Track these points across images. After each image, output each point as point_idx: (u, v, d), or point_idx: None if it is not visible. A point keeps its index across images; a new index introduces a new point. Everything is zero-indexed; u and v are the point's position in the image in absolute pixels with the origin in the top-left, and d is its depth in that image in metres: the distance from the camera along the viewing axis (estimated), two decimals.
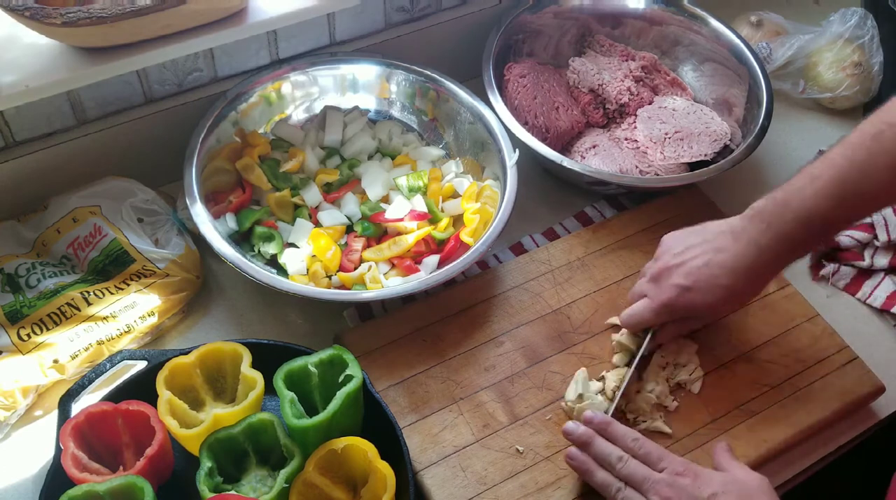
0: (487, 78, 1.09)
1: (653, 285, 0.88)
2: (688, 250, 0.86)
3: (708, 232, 0.87)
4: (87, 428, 0.76)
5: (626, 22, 1.24)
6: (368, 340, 0.91)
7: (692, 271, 0.85)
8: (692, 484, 0.74)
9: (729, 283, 0.83)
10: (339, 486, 0.77)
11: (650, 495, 0.74)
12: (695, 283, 0.84)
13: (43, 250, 0.95)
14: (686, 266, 0.85)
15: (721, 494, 0.73)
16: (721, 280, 0.84)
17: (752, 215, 0.84)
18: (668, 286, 0.86)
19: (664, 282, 0.87)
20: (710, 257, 0.84)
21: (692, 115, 1.14)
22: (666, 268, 0.87)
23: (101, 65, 0.92)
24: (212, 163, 1.00)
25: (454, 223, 1.03)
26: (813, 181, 0.79)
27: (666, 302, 0.86)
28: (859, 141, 0.78)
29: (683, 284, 0.85)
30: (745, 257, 0.83)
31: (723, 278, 0.83)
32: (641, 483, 0.75)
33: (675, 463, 0.76)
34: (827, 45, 1.24)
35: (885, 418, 0.93)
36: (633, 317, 0.89)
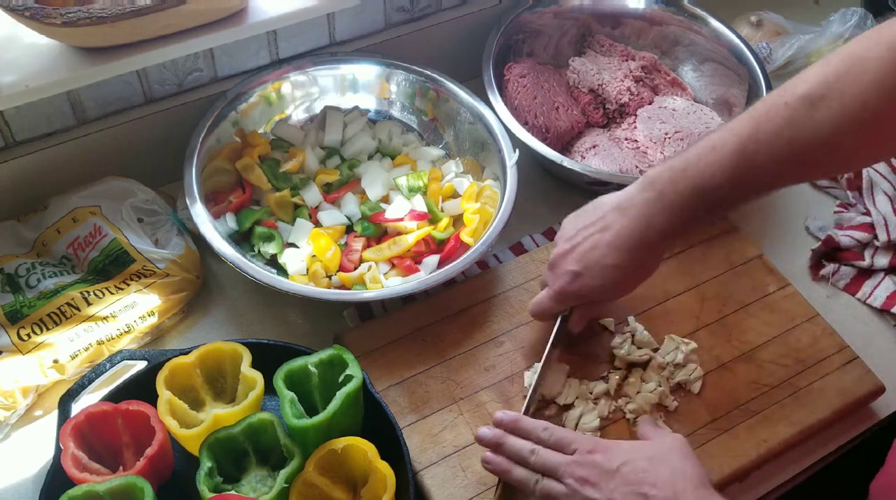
0: (487, 78, 1.09)
1: (550, 273, 0.87)
2: (579, 232, 0.84)
3: (598, 209, 0.84)
4: (87, 428, 0.76)
5: (626, 22, 1.24)
6: (368, 340, 0.91)
7: (582, 255, 0.83)
8: (603, 458, 0.73)
9: (617, 262, 0.81)
10: (339, 486, 0.77)
11: (565, 479, 0.73)
12: (584, 267, 0.83)
13: (43, 249, 0.95)
14: (576, 251, 0.83)
15: (631, 461, 0.72)
16: (608, 260, 0.81)
17: (644, 184, 0.81)
18: (561, 273, 0.85)
19: (558, 269, 0.85)
20: (598, 237, 0.82)
21: (692, 115, 1.14)
22: (560, 254, 0.85)
23: (101, 65, 0.92)
24: (212, 163, 1.00)
25: (454, 223, 1.03)
26: (713, 150, 0.76)
27: (560, 289, 0.85)
28: (762, 112, 0.74)
29: (574, 269, 0.83)
30: (633, 232, 0.80)
31: (610, 258, 0.81)
32: (555, 470, 0.74)
33: (585, 443, 0.75)
34: (827, 45, 1.24)
35: (885, 418, 0.93)
36: (535, 306, 0.89)
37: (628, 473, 0.72)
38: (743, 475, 0.86)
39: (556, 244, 0.87)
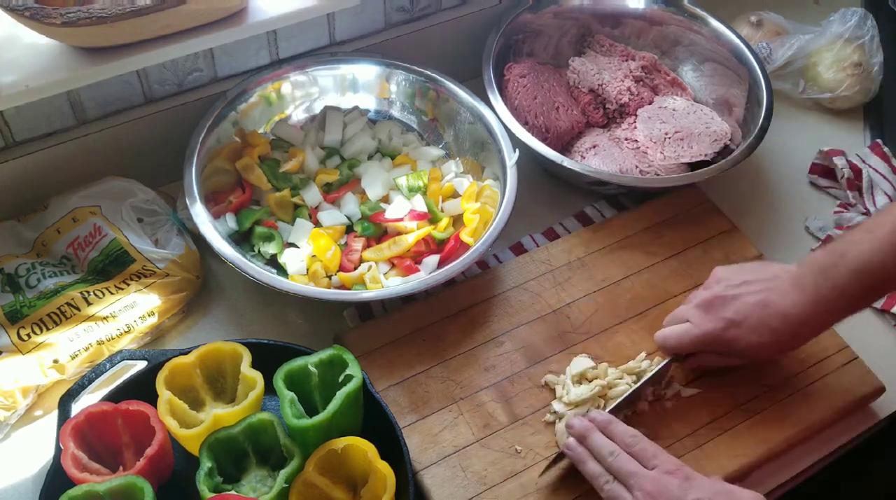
0: (487, 78, 1.09)
1: (700, 313, 0.86)
2: (745, 284, 0.84)
3: (766, 272, 0.85)
4: (87, 428, 0.76)
5: (626, 22, 1.24)
6: (368, 340, 0.91)
7: (746, 306, 0.82)
8: (679, 485, 0.73)
9: (779, 327, 0.81)
10: (339, 486, 0.77)
11: (634, 490, 0.73)
12: (745, 319, 0.82)
13: (43, 249, 0.95)
14: (740, 300, 0.83)
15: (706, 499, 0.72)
16: (772, 322, 0.81)
17: (809, 264, 0.82)
18: (717, 317, 0.84)
19: (714, 312, 0.84)
20: (766, 296, 0.82)
21: (692, 115, 1.14)
22: (720, 298, 0.84)
23: (101, 65, 0.92)
24: (212, 163, 1.00)
25: (454, 223, 1.03)
26: (870, 232, 0.78)
27: (710, 332, 0.84)
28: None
29: (733, 318, 0.83)
30: (801, 305, 0.81)
31: (774, 321, 0.81)
32: (628, 478, 0.74)
33: (668, 463, 0.75)
34: (827, 45, 1.24)
35: (885, 418, 0.93)
36: (670, 339, 0.87)
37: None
38: (743, 475, 0.86)
39: (711, 286, 0.87)
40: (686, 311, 0.88)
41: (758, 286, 0.83)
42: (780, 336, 0.82)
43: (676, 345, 0.87)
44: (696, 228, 1.05)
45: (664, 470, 0.74)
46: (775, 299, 0.82)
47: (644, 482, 0.73)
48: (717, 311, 0.84)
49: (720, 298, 0.84)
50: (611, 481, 0.76)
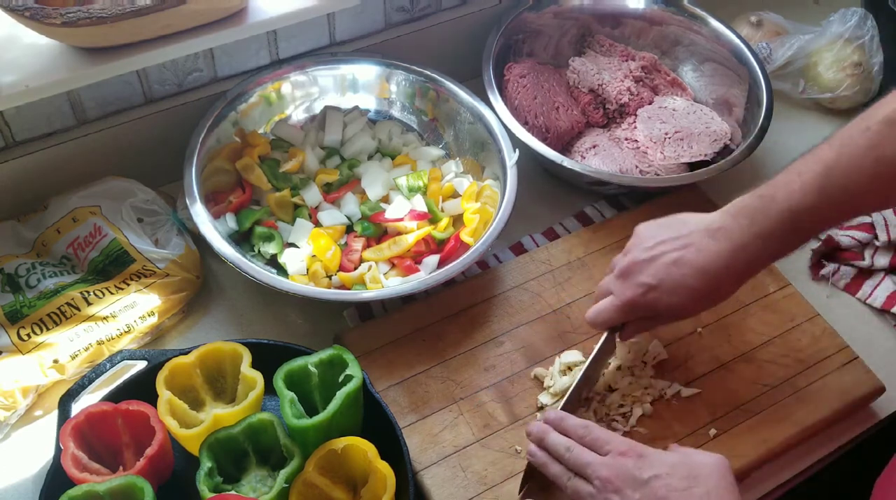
0: (487, 78, 1.09)
1: (619, 282, 0.84)
2: (659, 245, 0.82)
3: (683, 226, 0.83)
4: (87, 428, 0.76)
5: (626, 22, 1.24)
6: (368, 340, 0.91)
7: (661, 267, 0.81)
8: (634, 464, 0.72)
9: (697, 284, 0.80)
10: (339, 486, 0.77)
11: (592, 479, 0.73)
12: (662, 281, 0.81)
13: (43, 250, 0.95)
14: (656, 263, 0.81)
15: (665, 475, 0.70)
16: (689, 281, 0.80)
17: (734, 212, 0.80)
18: (635, 284, 0.82)
19: (631, 278, 0.83)
20: (681, 254, 0.80)
21: (692, 115, 1.14)
22: (634, 263, 0.83)
23: (101, 65, 0.92)
24: (212, 163, 1.00)
25: (454, 223, 1.03)
26: (800, 176, 0.76)
27: (630, 300, 0.82)
28: (846, 136, 0.75)
29: (649, 282, 0.81)
30: (720, 257, 0.79)
31: (691, 279, 0.80)
32: (585, 469, 0.74)
33: (621, 445, 0.74)
34: (827, 45, 1.24)
35: (885, 418, 0.93)
36: (598, 315, 0.86)
37: (659, 488, 0.70)
38: (743, 475, 0.86)
39: (629, 251, 0.85)
40: (608, 282, 0.87)
41: (672, 245, 0.81)
42: (699, 293, 0.80)
43: (605, 320, 0.86)
44: None
45: (617, 453, 0.73)
46: (691, 257, 0.80)
47: (599, 469, 0.73)
48: (634, 277, 0.82)
49: (636, 263, 0.83)
50: (572, 477, 0.75)
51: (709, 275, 0.80)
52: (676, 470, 0.71)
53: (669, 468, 0.71)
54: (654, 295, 0.81)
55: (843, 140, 0.75)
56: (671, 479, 0.70)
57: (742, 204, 0.80)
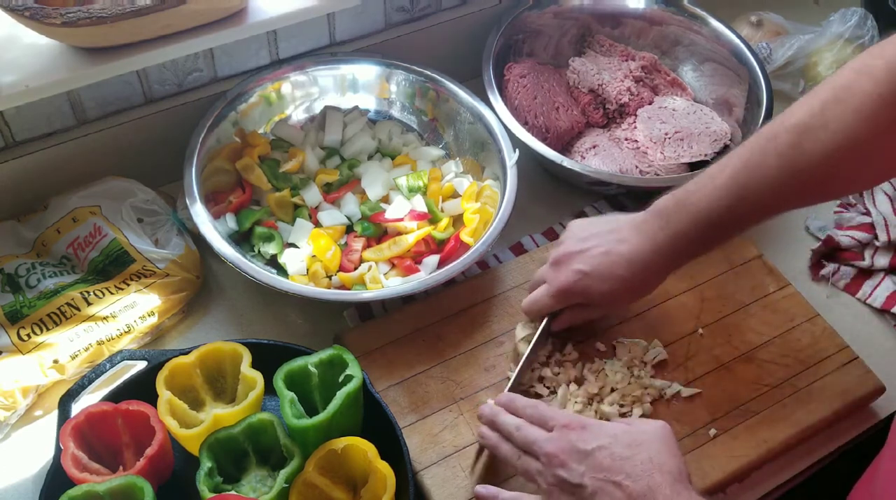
0: (487, 78, 1.09)
1: (552, 270, 0.88)
2: (591, 237, 0.86)
3: (613, 222, 0.87)
4: (87, 428, 0.76)
5: (626, 22, 1.24)
6: (368, 340, 0.91)
7: (593, 257, 0.84)
8: (578, 436, 0.72)
9: (625, 274, 0.83)
10: (339, 486, 0.77)
11: (539, 456, 0.74)
12: (593, 269, 0.84)
13: (43, 249, 0.95)
14: (587, 253, 0.85)
15: (608, 445, 0.71)
16: (618, 270, 0.83)
17: (653, 211, 0.84)
18: (567, 271, 0.85)
19: (564, 267, 0.86)
20: (612, 246, 0.84)
21: (692, 115, 1.14)
22: (567, 253, 0.86)
23: (101, 65, 0.92)
24: (212, 163, 1.00)
25: (454, 223, 1.03)
26: (711, 180, 0.80)
27: (562, 287, 0.86)
28: (755, 143, 0.78)
29: (582, 269, 0.84)
30: (643, 251, 0.83)
31: (620, 269, 0.83)
32: (532, 446, 0.75)
33: (562, 418, 0.75)
34: (827, 45, 1.24)
35: (885, 418, 0.93)
36: (533, 303, 0.89)
37: (603, 458, 0.70)
38: (743, 475, 0.86)
39: (562, 243, 0.88)
40: (542, 271, 0.90)
41: (604, 238, 0.85)
42: (629, 283, 0.84)
43: (539, 307, 0.89)
44: None
45: (561, 425, 0.74)
46: (620, 248, 0.84)
47: (545, 445, 0.73)
48: (568, 264, 0.86)
49: (569, 253, 0.86)
50: (521, 455, 0.76)
51: (635, 266, 0.83)
52: (619, 439, 0.72)
53: (612, 437, 0.72)
54: (587, 282, 0.85)
55: (750, 147, 0.78)
56: (614, 447, 0.71)
57: (660, 205, 0.84)
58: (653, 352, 0.92)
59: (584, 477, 0.70)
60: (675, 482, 0.69)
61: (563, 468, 0.71)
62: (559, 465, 0.71)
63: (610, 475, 0.69)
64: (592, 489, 0.69)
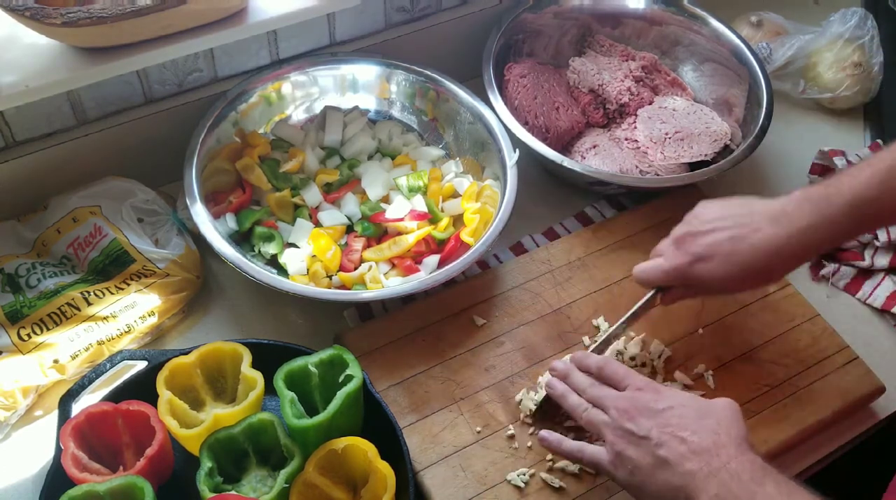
0: (487, 78, 1.09)
1: (672, 248, 0.87)
2: (718, 220, 0.84)
3: (746, 208, 0.85)
4: (88, 428, 0.76)
5: (626, 22, 1.24)
6: (368, 340, 0.91)
7: (715, 242, 0.83)
8: (651, 397, 0.75)
9: (748, 260, 0.81)
10: (339, 486, 0.77)
11: (609, 410, 0.75)
12: (714, 254, 0.82)
13: (43, 249, 0.95)
14: (710, 236, 0.83)
15: (679, 406, 0.73)
16: (739, 257, 0.82)
17: (798, 197, 0.82)
18: (685, 252, 0.85)
19: (683, 247, 0.85)
20: (738, 232, 0.82)
21: (692, 115, 1.14)
22: (689, 233, 0.85)
23: (101, 65, 0.92)
24: (212, 163, 1.00)
25: (454, 223, 1.03)
26: (869, 166, 0.79)
27: (678, 266, 0.85)
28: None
29: (700, 253, 0.83)
30: (777, 239, 0.81)
31: (742, 256, 0.81)
32: (603, 400, 0.77)
33: (638, 381, 0.77)
34: (827, 45, 1.24)
35: (885, 418, 0.93)
36: (643, 273, 0.89)
37: (671, 417, 0.72)
38: None
39: (687, 222, 0.87)
40: (662, 245, 0.89)
41: (731, 222, 0.84)
42: (748, 269, 0.82)
43: (649, 279, 0.89)
44: None
45: (635, 387, 0.76)
46: (747, 234, 0.82)
47: (617, 400, 0.76)
48: (688, 245, 0.85)
49: (692, 233, 0.85)
50: (589, 408, 0.78)
51: (762, 253, 0.81)
52: (689, 404, 0.74)
53: (683, 402, 0.74)
54: (703, 266, 0.84)
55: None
56: (684, 410, 0.73)
57: (808, 191, 0.82)
58: (656, 351, 0.92)
59: (652, 430, 0.72)
60: (740, 444, 0.70)
61: (631, 421, 0.73)
62: (628, 419, 0.73)
63: (676, 430, 0.71)
64: (658, 440, 0.71)
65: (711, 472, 0.68)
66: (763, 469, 0.68)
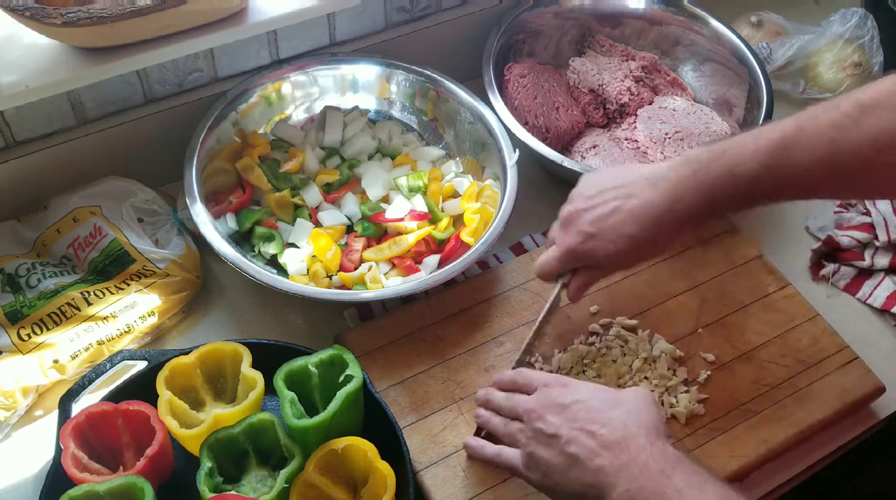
0: (487, 78, 1.09)
1: (560, 231, 0.84)
2: (600, 194, 0.81)
3: (626, 175, 0.81)
4: (88, 428, 0.76)
5: (626, 22, 1.24)
6: (368, 340, 0.91)
7: (599, 217, 0.80)
8: (558, 393, 0.73)
9: (634, 232, 0.78)
10: (339, 486, 0.77)
11: (522, 417, 0.74)
12: (599, 230, 0.80)
13: (43, 249, 0.95)
14: (594, 212, 0.80)
15: (587, 399, 0.72)
16: (626, 228, 0.78)
17: (679, 162, 0.78)
18: (573, 232, 0.82)
19: (572, 227, 0.82)
20: (621, 203, 0.79)
21: (692, 115, 1.14)
22: (575, 212, 0.82)
23: (101, 65, 0.92)
24: (212, 163, 1.00)
25: (454, 223, 1.03)
26: (755, 139, 0.74)
27: (570, 247, 0.82)
28: (814, 111, 0.73)
29: (588, 230, 0.80)
30: (658, 205, 0.77)
31: (628, 227, 0.78)
32: (515, 409, 0.75)
33: (544, 378, 0.76)
34: (827, 45, 1.24)
35: (885, 418, 0.93)
36: (541, 265, 0.86)
37: (579, 410, 0.71)
38: (743, 475, 0.86)
39: (571, 200, 0.84)
40: (552, 232, 0.87)
41: (613, 194, 0.80)
42: (638, 241, 0.79)
43: (549, 270, 0.86)
44: None
45: (542, 384, 0.75)
46: (630, 205, 0.79)
47: (527, 403, 0.74)
48: (575, 225, 0.82)
49: (577, 212, 0.82)
50: (508, 422, 0.76)
51: (646, 223, 0.78)
52: (597, 395, 0.73)
53: (590, 393, 0.73)
54: (593, 243, 0.81)
55: (809, 114, 0.73)
56: (592, 402, 0.71)
57: (690, 154, 0.78)
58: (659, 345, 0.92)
59: (561, 428, 0.70)
60: (651, 433, 0.68)
61: (540, 420, 0.72)
62: (537, 418, 0.72)
63: (585, 424, 0.70)
64: (567, 438, 0.69)
65: (621, 466, 0.66)
66: (675, 459, 0.66)
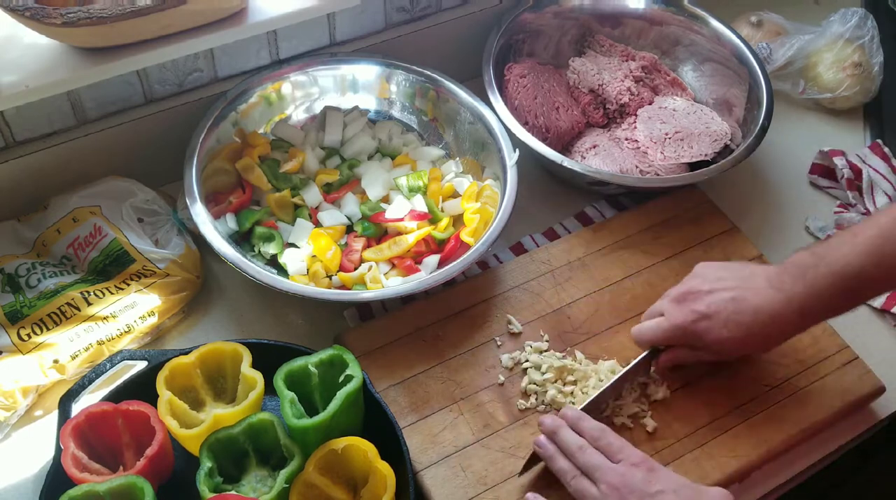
0: (487, 78, 1.09)
1: (673, 306, 0.86)
2: (719, 281, 0.84)
3: (744, 270, 0.85)
4: (88, 428, 0.76)
5: (626, 22, 1.24)
6: (368, 340, 0.91)
7: (716, 301, 0.83)
8: (643, 477, 0.74)
9: (750, 323, 0.81)
10: (339, 486, 0.77)
11: (599, 483, 0.74)
12: (715, 313, 0.82)
13: (43, 249, 0.95)
14: (712, 295, 0.83)
15: (671, 492, 0.72)
16: (742, 318, 0.81)
17: (788, 264, 0.82)
18: (688, 310, 0.84)
19: (685, 305, 0.85)
20: (739, 293, 0.82)
21: (692, 115, 1.14)
22: (691, 292, 0.85)
23: (101, 65, 0.92)
24: (212, 163, 1.00)
25: (454, 223, 1.03)
26: (853, 238, 0.78)
27: (680, 324, 0.84)
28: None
29: (703, 311, 0.83)
30: (773, 302, 0.81)
31: (744, 317, 0.81)
32: (594, 471, 0.75)
33: (633, 456, 0.76)
34: (827, 45, 1.24)
35: (885, 418, 0.93)
36: (643, 332, 0.88)
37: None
38: (743, 475, 0.86)
39: (687, 281, 0.87)
40: (661, 305, 0.88)
41: (732, 283, 0.84)
42: (750, 332, 0.82)
43: (650, 338, 0.87)
44: (696, 228, 1.05)
45: (630, 463, 0.75)
46: (748, 296, 0.82)
47: (609, 474, 0.74)
48: (690, 304, 0.84)
49: (694, 292, 0.85)
50: (578, 476, 0.76)
51: (761, 317, 0.81)
52: (683, 490, 0.73)
53: (676, 486, 0.73)
54: (706, 324, 0.83)
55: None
56: (677, 497, 0.72)
57: (797, 258, 0.82)
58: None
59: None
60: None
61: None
62: (618, 498, 0.72)
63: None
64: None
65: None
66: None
